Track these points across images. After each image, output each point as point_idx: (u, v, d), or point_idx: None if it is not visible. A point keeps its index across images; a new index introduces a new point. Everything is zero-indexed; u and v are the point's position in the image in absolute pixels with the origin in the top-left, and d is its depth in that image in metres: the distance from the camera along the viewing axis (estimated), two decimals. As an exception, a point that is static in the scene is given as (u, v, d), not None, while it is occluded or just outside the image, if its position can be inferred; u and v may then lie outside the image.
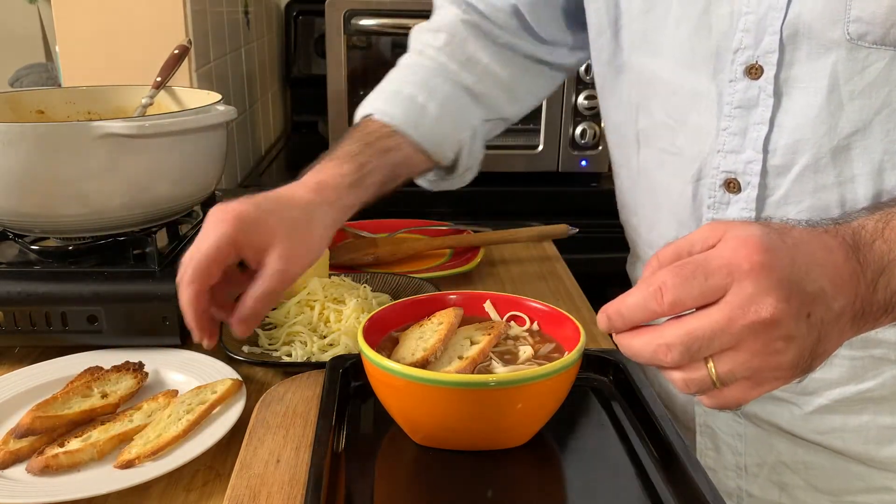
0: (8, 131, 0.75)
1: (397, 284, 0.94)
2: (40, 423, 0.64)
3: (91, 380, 0.71)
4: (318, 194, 0.70)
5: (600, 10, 0.77)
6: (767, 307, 0.45)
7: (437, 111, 0.82)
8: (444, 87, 0.84)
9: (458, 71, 0.85)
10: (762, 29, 0.62)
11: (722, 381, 0.47)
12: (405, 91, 0.83)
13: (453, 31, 0.86)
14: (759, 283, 0.45)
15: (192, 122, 0.83)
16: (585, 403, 0.64)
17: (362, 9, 1.50)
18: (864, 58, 0.59)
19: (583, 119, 1.57)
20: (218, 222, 0.64)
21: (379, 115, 0.81)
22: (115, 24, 1.18)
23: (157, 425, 0.65)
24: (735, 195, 0.68)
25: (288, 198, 0.69)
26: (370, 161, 0.76)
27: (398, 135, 0.80)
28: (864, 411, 0.70)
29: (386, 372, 0.55)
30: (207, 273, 0.63)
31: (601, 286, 1.17)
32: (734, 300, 0.46)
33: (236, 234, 0.63)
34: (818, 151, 0.63)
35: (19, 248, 0.86)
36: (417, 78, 0.84)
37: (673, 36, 0.69)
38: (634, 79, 0.75)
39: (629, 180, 0.81)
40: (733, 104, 0.65)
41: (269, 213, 0.66)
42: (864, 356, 0.68)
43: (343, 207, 0.72)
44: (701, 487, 0.50)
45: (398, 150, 0.80)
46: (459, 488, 0.55)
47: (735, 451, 0.77)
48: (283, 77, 2.02)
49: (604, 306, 0.51)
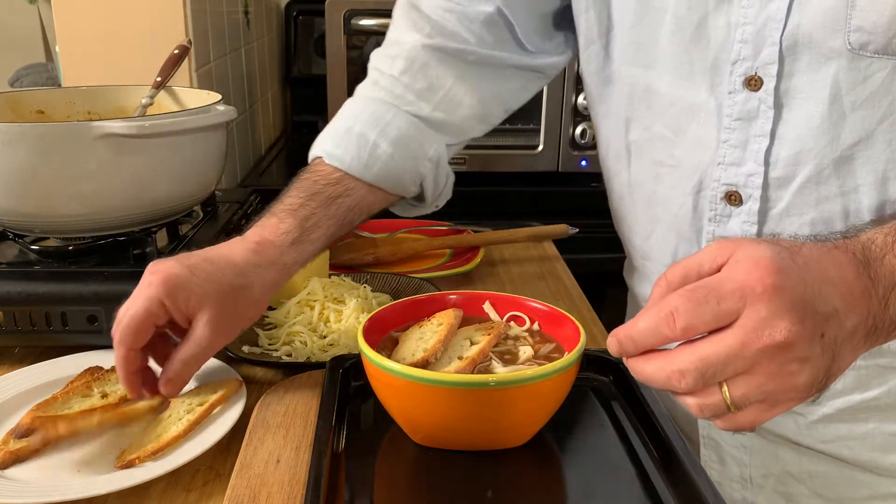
0: (8, 131, 0.75)
1: (397, 284, 0.94)
2: (40, 423, 0.64)
3: (91, 380, 0.71)
4: (257, 255, 0.69)
5: (591, 20, 0.75)
6: (781, 330, 0.45)
7: (391, 149, 0.78)
8: (398, 121, 0.80)
9: (414, 101, 0.81)
10: (761, 40, 0.61)
11: (736, 406, 0.47)
12: (356, 129, 0.78)
13: (412, 56, 0.80)
14: (773, 305, 0.45)
15: (192, 122, 0.83)
16: (585, 403, 0.64)
17: (362, 9, 1.50)
18: (865, 67, 0.58)
19: (583, 119, 1.57)
20: (147, 285, 0.64)
21: (328, 158, 0.78)
22: (115, 24, 1.18)
23: (157, 425, 0.65)
24: (736, 208, 0.67)
25: (225, 260, 0.68)
26: (314, 214, 0.73)
27: (348, 178, 0.77)
28: (870, 419, 0.69)
29: (386, 372, 0.55)
30: (135, 335, 0.63)
31: (601, 286, 1.17)
32: (747, 324, 0.45)
33: (164, 297, 0.63)
34: (820, 162, 0.62)
35: (19, 248, 0.86)
36: (368, 113, 0.80)
37: (668, 48, 0.68)
38: (626, 90, 0.74)
39: (621, 191, 0.80)
40: (733, 116, 0.65)
41: (202, 278, 0.65)
42: (870, 365, 0.68)
43: (284, 266, 0.70)
44: (701, 487, 0.50)
45: (348, 195, 0.76)
46: (459, 488, 0.55)
47: (740, 463, 0.76)
48: (283, 77, 2.02)
49: (614, 330, 0.50)
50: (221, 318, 0.65)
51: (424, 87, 0.81)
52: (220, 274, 0.66)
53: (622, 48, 0.73)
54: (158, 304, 0.63)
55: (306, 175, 0.78)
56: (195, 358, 0.65)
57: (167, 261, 0.66)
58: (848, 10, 0.57)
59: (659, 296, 0.49)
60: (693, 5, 0.65)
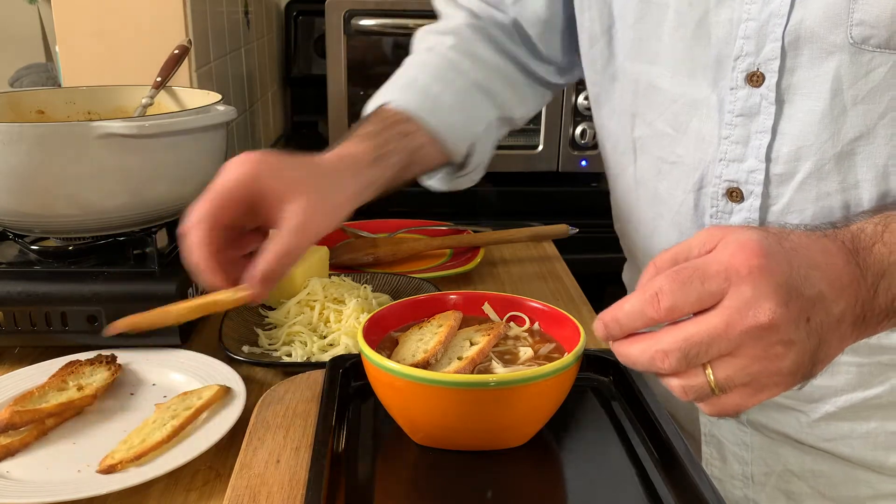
0: (8, 131, 0.75)
1: (397, 284, 0.94)
2: (19, 417, 0.64)
3: (66, 373, 0.71)
4: (341, 162, 0.67)
5: (594, 18, 0.76)
6: (766, 311, 0.45)
7: (452, 101, 0.81)
8: (458, 80, 0.83)
9: (469, 67, 0.84)
10: (763, 36, 0.61)
11: (721, 388, 0.47)
12: (419, 82, 0.81)
13: (461, 33, 0.86)
14: (758, 287, 0.45)
15: (192, 122, 0.83)
16: (585, 403, 0.64)
17: (362, 9, 1.50)
18: (867, 62, 0.58)
19: (583, 119, 1.57)
20: (240, 163, 0.59)
21: (395, 103, 0.78)
22: (115, 24, 1.18)
23: (140, 430, 0.65)
24: (738, 204, 0.67)
25: (311, 160, 0.65)
26: (390, 142, 0.73)
27: (414, 121, 0.77)
28: (872, 418, 0.69)
29: (386, 372, 0.55)
30: (222, 207, 0.58)
31: (601, 286, 1.17)
32: (732, 305, 0.45)
33: (260, 174, 0.59)
34: (821, 158, 0.62)
35: (19, 248, 0.86)
36: (430, 70, 0.83)
37: (670, 43, 0.68)
38: (629, 87, 0.74)
39: (626, 189, 0.80)
40: (734, 112, 0.64)
41: (295, 164, 0.61)
42: (871, 363, 0.68)
43: (365, 181, 0.68)
44: (701, 487, 0.50)
45: (415, 136, 0.77)
46: (459, 488, 0.55)
47: (741, 461, 0.76)
48: (283, 77, 2.02)
49: (600, 314, 0.50)
50: (315, 208, 0.60)
51: (475, 57, 0.84)
52: (312, 167, 0.64)
53: (625, 44, 0.73)
54: (253, 179, 0.59)
55: (373, 117, 0.77)
56: (289, 249, 0.60)
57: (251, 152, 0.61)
58: (850, 4, 0.57)
59: (647, 280, 0.49)
60: (695, 1, 0.65)
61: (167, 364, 0.76)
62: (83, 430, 0.67)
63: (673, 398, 0.74)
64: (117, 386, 0.73)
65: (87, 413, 0.70)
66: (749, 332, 0.45)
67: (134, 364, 0.76)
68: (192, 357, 0.77)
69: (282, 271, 0.60)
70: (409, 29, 1.53)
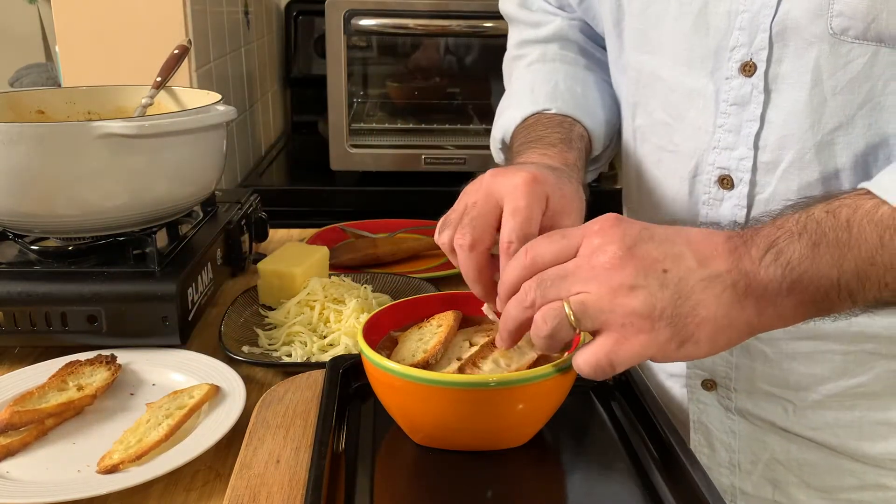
0: (8, 131, 0.75)
1: (397, 284, 0.94)
2: (19, 417, 0.64)
3: (66, 373, 0.71)
4: (574, 172, 0.68)
5: (606, 12, 0.78)
6: (608, 254, 0.50)
7: (598, 97, 0.82)
8: (587, 77, 0.83)
9: (590, 65, 0.85)
10: (755, 26, 0.63)
11: (576, 315, 0.50)
12: (561, 86, 0.81)
13: (563, 36, 0.86)
14: (606, 236, 0.51)
15: (192, 122, 0.83)
16: (585, 403, 0.64)
17: (362, 9, 1.50)
18: (846, 53, 0.59)
19: (583, 119, 1.56)
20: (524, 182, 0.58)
21: (556, 110, 0.78)
22: (115, 24, 1.18)
23: (135, 430, 0.65)
24: (728, 191, 0.68)
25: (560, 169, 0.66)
26: (580, 148, 0.75)
27: (578, 125, 0.78)
28: (857, 407, 0.70)
29: (386, 372, 0.55)
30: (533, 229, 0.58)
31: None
32: (583, 252, 0.52)
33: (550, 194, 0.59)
34: (803, 147, 0.63)
35: (19, 248, 0.86)
36: (563, 73, 0.83)
37: (671, 34, 0.69)
38: (633, 77, 0.76)
39: (630, 178, 0.82)
40: (729, 101, 0.66)
41: (562, 179, 0.62)
42: (856, 350, 0.69)
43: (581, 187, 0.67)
44: (701, 487, 0.50)
45: (585, 137, 0.78)
46: (459, 488, 0.55)
47: (729, 449, 0.77)
48: (283, 77, 2.02)
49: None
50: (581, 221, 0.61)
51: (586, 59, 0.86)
52: (570, 179, 0.64)
53: (631, 35, 0.75)
54: (543, 200, 0.59)
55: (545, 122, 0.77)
56: None
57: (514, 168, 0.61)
58: None
59: None
60: None
61: (167, 364, 0.76)
62: (83, 430, 0.68)
63: (665, 390, 0.74)
64: (117, 386, 0.73)
65: (87, 413, 0.70)
66: (594, 270, 0.50)
67: (134, 364, 0.76)
68: (192, 357, 0.77)
69: None
70: (409, 29, 1.53)
